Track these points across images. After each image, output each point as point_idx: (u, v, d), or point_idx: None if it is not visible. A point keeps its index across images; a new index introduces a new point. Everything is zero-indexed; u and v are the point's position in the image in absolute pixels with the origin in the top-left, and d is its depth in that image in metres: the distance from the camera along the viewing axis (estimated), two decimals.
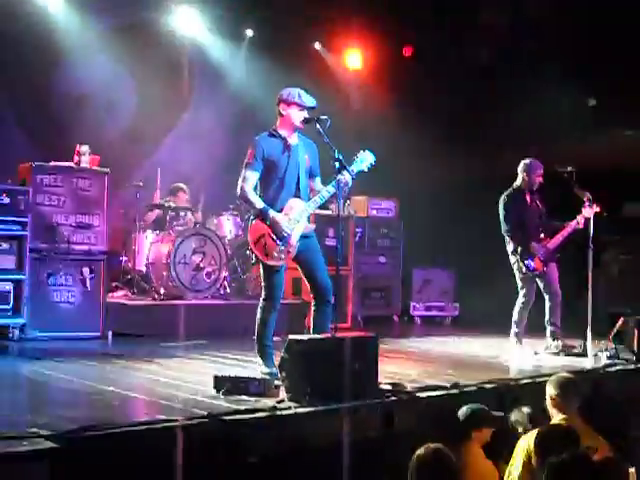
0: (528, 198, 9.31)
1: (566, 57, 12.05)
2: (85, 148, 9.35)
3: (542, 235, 9.25)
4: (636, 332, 8.58)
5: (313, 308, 6.79)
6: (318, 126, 6.60)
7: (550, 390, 6.06)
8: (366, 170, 6.77)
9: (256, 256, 6.69)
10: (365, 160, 6.76)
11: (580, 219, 9.07)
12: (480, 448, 5.78)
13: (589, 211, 9.05)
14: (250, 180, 6.64)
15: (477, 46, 13.06)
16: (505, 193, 9.32)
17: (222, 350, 8.47)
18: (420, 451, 4.44)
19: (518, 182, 9.33)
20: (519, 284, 9.25)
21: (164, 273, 10.30)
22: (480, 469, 5.62)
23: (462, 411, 5.98)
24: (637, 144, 12.02)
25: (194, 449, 4.86)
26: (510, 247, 9.24)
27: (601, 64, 11.81)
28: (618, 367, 8.21)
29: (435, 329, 11.80)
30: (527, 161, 9.32)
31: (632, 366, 8.24)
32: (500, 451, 5.77)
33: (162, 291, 10.30)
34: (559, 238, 9.22)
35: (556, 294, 9.19)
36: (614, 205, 9.29)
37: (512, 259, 9.24)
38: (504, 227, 9.23)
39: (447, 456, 4.46)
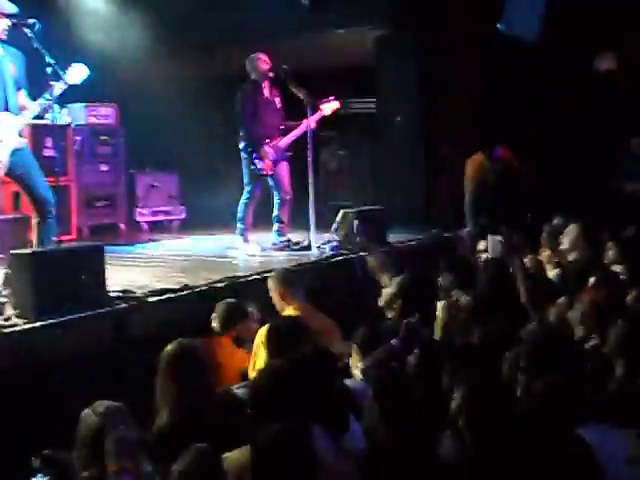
0: (265, 94, 9.29)
1: None
2: None
3: (279, 133, 9.27)
4: (355, 222, 9.01)
5: (35, 222, 6.60)
6: (27, 30, 6.34)
7: (272, 284, 6.33)
8: (79, 83, 6.59)
9: None
10: (78, 72, 6.56)
11: (315, 118, 9.13)
12: (230, 339, 5.93)
13: (328, 107, 9.19)
14: None
15: None
16: (241, 87, 9.29)
17: None
18: (169, 346, 4.31)
19: (252, 76, 9.30)
20: (245, 180, 9.31)
21: None
22: (236, 358, 5.78)
23: (221, 307, 6.07)
24: (347, 44, 12.37)
25: None
26: (241, 144, 9.21)
27: None
28: (341, 257, 8.60)
29: (163, 234, 11.80)
30: (252, 55, 9.34)
31: (354, 255, 8.64)
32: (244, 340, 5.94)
33: None
34: (291, 138, 9.27)
35: (285, 192, 9.30)
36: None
37: (242, 155, 9.23)
38: (237, 122, 9.22)
39: (196, 348, 4.39)
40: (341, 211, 9.27)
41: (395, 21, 11.99)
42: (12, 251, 5.82)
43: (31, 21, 6.34)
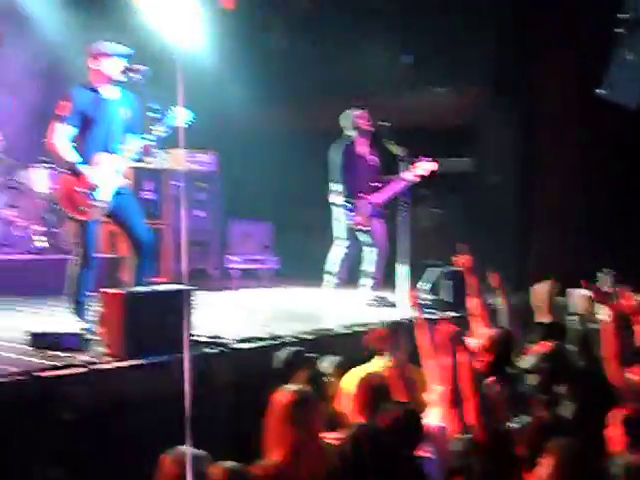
0: (360, 149, 9.37)
1: (388, 12, 12.27)
2: None
3: (373, 189, 9.30)
4: (450, 282, 8.91)
5: (132, 262, 6.72)
6: (137, 76, 6.53)
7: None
8: (183, 126, 6.71)
9: (65, 210, 6.56)
10: (181, 116, 6.66)
11: (412, 174, 9.13)
12: None
13: (424, 168, 9.19)
14: (60, 132, 6.49)
15: None
16: (336, 142, 9.36)
17: (37, 306, 8.27)
18: (288, 391, 4.44)
19: (347, 132, 9.39)
20: (339, 235, 9.32)
21: None
22: None
23: (283, 354, 6.06)
24: (447, 102, 12.39)
25: (9, 408, 4.77)
26: (337, 198, 9.26)
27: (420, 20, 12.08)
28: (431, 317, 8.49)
29: (253, 282, 11.88)
30: (348, 111, 9.43)
31: (446, 314, 8.53)
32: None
33: None
34: (386, 193, 9.28)
35: (380, 248, 9.27)
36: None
37: (337, 209, 9.27)
38: (332, 175, 9.27)
39: (313, 396, 4.54)
40: (428, 269, 9.19)
41: (495, 83, 11.97)
42: (103, 290, 5.91)
43: (142, 67, 6.53)
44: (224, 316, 8.16)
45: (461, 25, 11.80)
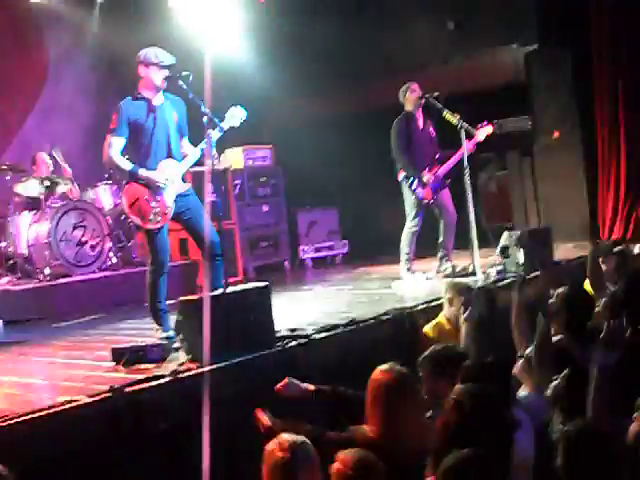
0: (420, 124, 9.34)
1: None
2: None
3: (434, 162, 9.27)
4: (520, 245, 8.79)
5: (205, 266, 6.75)
6: (181, 83, 6.55)
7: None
8: (237, 125, 6.75)
9: (134, 222, 6.61)
10: (235, 115, 6.73)
11: (471, 144, 9.06)
12: None
13: (482, 133, 9.13)
14: (115, 145, 6.55)
15: None
16: (396, 119, 9.32)
17: (117, 322, 8.36)
18: (385, 371, 4.42)
19: (406, 107, 9.35)
20: (408, 211, 9.28)
21: (46, 253, 10.03)
22: None
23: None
24: (497, 63, 12.22)
25: (102, 425, 4.83)
26: (400, 175, 9.25)
27: None
28: (508, 280, 8.40)
29: (327, 269, 11.88)
30: (403, 87, 9.37)
31: (522, 277, 8.44)
32: None
33: (47, 271, 10.03)
34: (449, 165, 9.24)
35: (451, 218, 9.29)
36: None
37: (403, 185, 9.25)
38: (395, 153, 9.24)
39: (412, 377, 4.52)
40: (505, 233, 9.09)
41: (542, 36, 11.77)
42: (181, 297, 5.94)
43: (185, 73, 6.54)
44: (303, 307, 8.15)
45: None
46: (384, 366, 4.47)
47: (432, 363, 4.87)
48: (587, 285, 7.06)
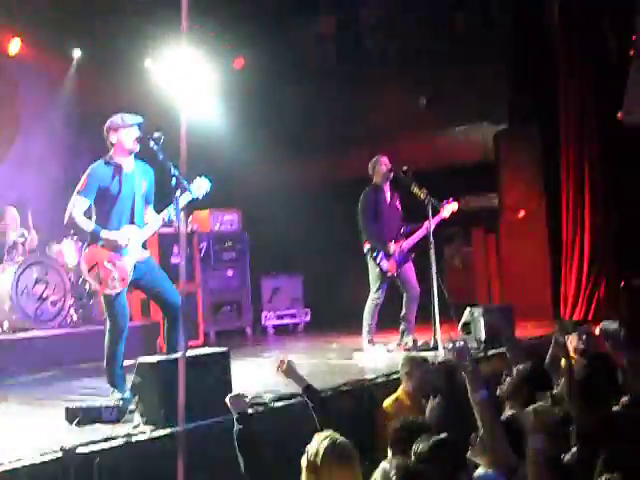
0: (387, 197, 9.40)
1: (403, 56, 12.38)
2: None
3: (400, 236, 9.34)
4: (482, 321, 8.83)
5: (165, 327, 6.71)
6: (152, 144, 6.55)
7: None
8: (201, 197, 6.77)
9: (91, 285, 6.58)
10: (200, 187, 6.76)
11: (435, 220, 9.13)
12: None
13: (448, 209, 9.23)
14: (79, 206, 6.54)
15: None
16: (364, 191, 9.37)
17: (72, 380, 8.25)
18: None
19: (375, 180, 9.42)
20: (372, 283, 9.31)
21: (6, 306, 9.94)
22: None
23: None
24: (467, 140, 12.39)
25: None
26: (365, 247, 9.29)
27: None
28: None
29: (288, 337, 11.84)
30: (372, 159, 9.45)
31: (481, 354, 8.47)
32: None
33: (6, 325, 9.93)
34: (414, 240, 9.31)
35: (414, 292, 9.31)
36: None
37: (368, 257, 9.29)
38: (361, 224, 9.29)
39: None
40: (467, 309, 9.12)
41: (512, 115, 11.97)
42: (140, 358, 5.89)
43: (157, 134, 6.56)
44: (261, 375, 8.09)
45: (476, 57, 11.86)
46: (324, 432, 4.38)
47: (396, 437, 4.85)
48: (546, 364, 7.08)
